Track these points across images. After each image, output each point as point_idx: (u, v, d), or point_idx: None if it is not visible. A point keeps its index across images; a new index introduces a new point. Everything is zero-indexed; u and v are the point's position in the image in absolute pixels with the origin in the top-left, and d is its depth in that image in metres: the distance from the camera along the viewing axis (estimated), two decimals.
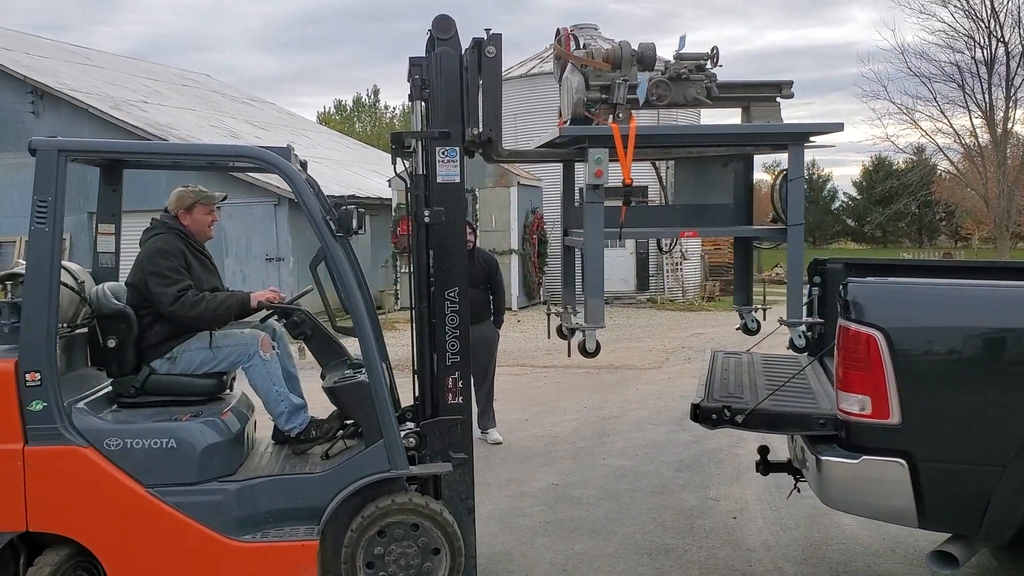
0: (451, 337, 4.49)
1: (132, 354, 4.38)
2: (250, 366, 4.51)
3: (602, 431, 8.35)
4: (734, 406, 4.02)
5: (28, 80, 20.16)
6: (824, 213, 68.82)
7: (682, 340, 15.35)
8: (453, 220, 4.43)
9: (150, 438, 4.10)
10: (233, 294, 4.52)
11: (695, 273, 24.59)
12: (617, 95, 4.27)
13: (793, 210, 4.49)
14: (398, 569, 4.18)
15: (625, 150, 4.22)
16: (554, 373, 12.07)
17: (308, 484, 4.27)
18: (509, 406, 9.59)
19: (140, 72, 28.07)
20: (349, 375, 4.51)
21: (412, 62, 4.43)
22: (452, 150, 4.42)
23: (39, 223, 4.04)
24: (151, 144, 4.75)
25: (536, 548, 5.29)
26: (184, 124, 21.99)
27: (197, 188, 4.73)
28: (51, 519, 4.03)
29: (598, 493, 6.34)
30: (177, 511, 4.07)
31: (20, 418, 4.00)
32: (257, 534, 4.16)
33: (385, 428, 4.23)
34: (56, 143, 4.11)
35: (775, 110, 4.62)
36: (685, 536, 5.46)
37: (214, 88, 32.02)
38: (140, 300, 4.44)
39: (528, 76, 23.30)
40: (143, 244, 4.55)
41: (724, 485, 6.52)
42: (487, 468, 7.04)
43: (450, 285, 4.49)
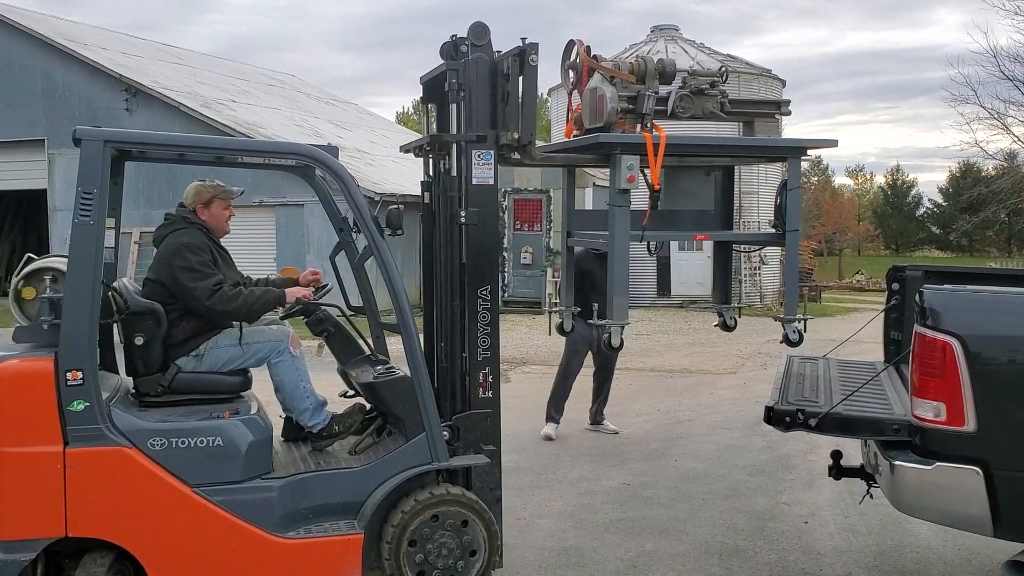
0: (482, 333, 4.63)
1: (159, 352, 4.28)
2: (279, 362, 4.52)
3: (675, 434, 8.37)
4: (808, 409, 4.05)
5: (123, 78, 20.99)
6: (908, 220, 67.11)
7: (758, 346, 15.20)
8: (487, 220, 4.61)
9: (195, 437, 4.02)
10: (268, 290, 4.55)
11: (774, 279, 24.25)
12: (646, 106, 4.59)
13: (791, 217, 4.92)
14: (439, 558, 4.29)
15: (656, 158, 4.49)
16: (627, 375, 12.08)
17: (349, 479, 4.30)
18: (582, 406, 9.66)
19: (229, 71, 28.90)
20: (384, 371, 4.63)
21: (448, 67, 4.56)
22: (487, 153, 4.57)
23: (83, 215, 3.91)
24: (198, 138, 4.63)
25: (606, 545, 5.37)
26: (270, 123, 22.59)
27: (215, 183, 4.65)
28: (92, 523, 3.89)
29: (669, 494, 6.39)
30: (224, 510, 4.01)
31: (60, 419, 3.84)
32: (300, 531, 4.15)
33: (428, 421, 4.34)
34: (101, 133, 4.01)
35: (775, 125, 5.12)
36: (756, 538, 5.48)
37: (298, 88, 32.77)
38: (165, 296, 4.34)
39: None
40: (161, 240, 4.47)
41: (796, 490, 6.51)
42: (558, 466, 7.15)
43: (483, 283, 4.64)
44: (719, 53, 24.15)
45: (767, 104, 5.17)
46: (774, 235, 5.12)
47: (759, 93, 22.91)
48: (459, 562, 4.32)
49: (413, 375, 4.36)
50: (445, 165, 4.68)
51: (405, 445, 4.34)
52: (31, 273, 4.21)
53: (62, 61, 21.63)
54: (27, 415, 3.84)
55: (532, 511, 5.98)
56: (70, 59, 21.50)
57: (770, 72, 24.05)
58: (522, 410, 9.31)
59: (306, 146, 4.49)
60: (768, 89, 23.47)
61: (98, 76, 21.26)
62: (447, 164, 4.68)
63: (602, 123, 4.60)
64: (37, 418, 3.84)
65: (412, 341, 4.33)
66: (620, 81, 4.66)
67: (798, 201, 4.93)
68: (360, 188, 10.74)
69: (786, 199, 4.90)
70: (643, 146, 4.53)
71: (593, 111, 4.64)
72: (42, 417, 3.84)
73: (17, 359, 3.91)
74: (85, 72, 21.42)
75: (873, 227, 63.46)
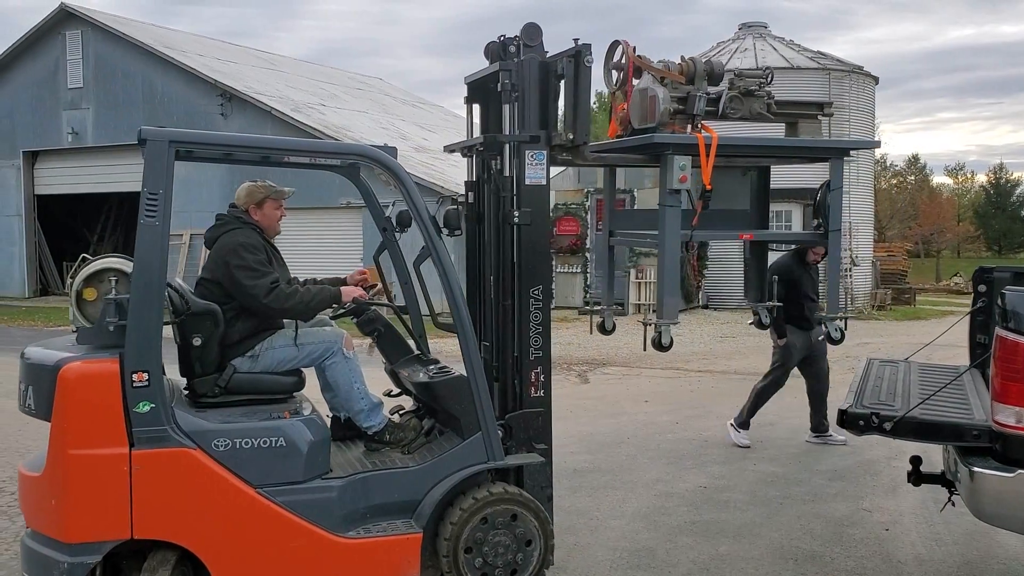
0: (535, 333, 4.66)
1: (217, 353, 4.24)
2: (333, 363, 4.51)
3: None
4: (882, 413, 3.95)
5: (219, 84, 21.71)
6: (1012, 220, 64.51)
7: (846, 349, 14.74)
8: (539, 221, 4.63)
9: (259, 437, 4.02)
10: (324, 288, 4.54)
11: (865, 280, 23.62)
12: (697, 107, 4.65)
13: (834, 217, 5.07)
14: (495, 557, 4.30)
15: (708, 158, 4.54)
16: (709, 378, 11.95)
17: (406, 478, 4.32)
18: (660, 408, 9.61)
19: (318, 76, 29.57)
20: (438, 370, 4.65)
21: (501, 67, 4.59)
22: (540, 153, 4.59)
23: (149, 216, 3.88)
24: (262, 139, 4.56)
25: (679, 547, 5.34)
26: (357, 126, 23.02)
27: (267, 183, 4.62)
28: (157, 525, 3.88)
29: (746, 497, 6.31)
30: (287, 511, 4.01)
31: (126, 421, 3.81)
32: (360, 530, 4.16)
33: (485, 421, 4.35)
34: (167, 133, 3.98)
35: (818, 127, 5.18)
36: (833, 544, 5.37)
37: (385, 91, 33.33)
38: (221, 297, 4.32)
39: None
40: (214, 240, 4.46)
41: (879, 496, 6.34)
42: (634, 467, 7.12)
43: (535, 283, 4.65)
44: (809, 50, 23.66)
45: (810, 105, 5.26)
46: (818, 235, 5.26)
47: (850, 90, 22.38)
48: (517, 555, 4.35)
49: (470, 374, 4.37)
50: (496, 165, 4.71)
51: (462, 444, 4.37)
52: (92, 274, 4.14)
53: (162, 68, 22.51)
54: (92, 417, 3.82)
55: (605, 512, 5.97)
56: (169, 66, 22.35)
57: (862, 69, 23.44)
58: (599, 411, 9.31)
59: (366, 146, 4.54)
60: (860, 86, 22.90)
61: (195, 82, 22.04)
62: (498, 164, 4.70)
63: (654, 123, 4.64)
64: (103, 420, 3.82)
65: (469, 341, 4.34)
66: (670, 82, 4.70)
67: (840, 201, 5.06)
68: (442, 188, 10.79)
69: (828, 199, 5.04)
70: (695, 147, 4.57)
71: (644, 111, 4.68)
72: (108, 419, 3.81)
73: (82, 360, 3.87)
74: (183, 78, 22.24)
75: (974, 228, 61.21)
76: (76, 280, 4.08)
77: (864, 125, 23.46)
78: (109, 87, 23.31)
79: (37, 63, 24.34)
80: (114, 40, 23.19)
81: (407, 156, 20.02)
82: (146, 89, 22.80)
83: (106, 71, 23.39)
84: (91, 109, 23.56)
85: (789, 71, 22.07)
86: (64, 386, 3.79)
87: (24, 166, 24.79)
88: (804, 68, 22.24)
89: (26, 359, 4.08)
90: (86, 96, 23.55)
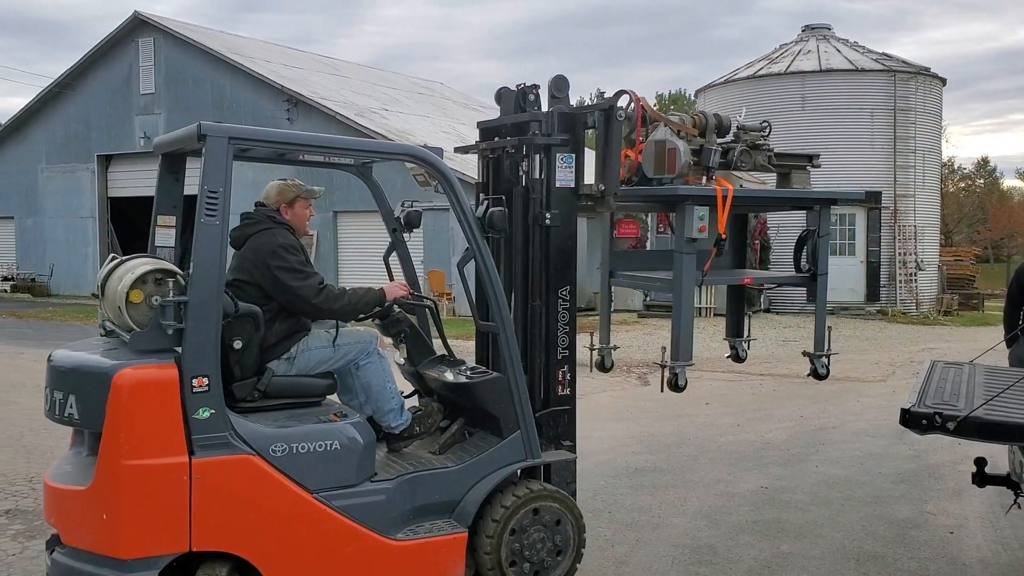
0: (562, 333, 4.75)
1: (256, 356, 4.09)
2: (368, 363, 4.47)
3: (817, 440, 8.23)
4: (945, 412, 3.97)
5: (285, 89, 22.19)
6: None
7: (911, 354, 14.64)
8: (567, 223, 4.73)
9: (315, 441, 3.91)
10: (370, 289, 4.48)
11: (931, 285, 23.20)
12: (712, 160, 4.91)
13: (822, 261, 5.50)
14: (533, 553, 4.40)
15: (724, 209, 4.81)
16: (770, 381, 11.92)
17: (448, 478, 4.32)
18: (721, 410, 9.63)
19: (381, 81, 29.99)
20: (471, 370, 4.71)
21: (532, 117, 4.75)
22: (569, 156, 4.69)
23: (209, 215, 3.75)
24: (318, 137, 4.73)
25: (740, 545, 5.39)
26: (419, 130, 23.31)
27: (297, 182, 4.52)
28: (217, 536, 3.71)
29: (808, 499, 6.32)
30: (343, 515, 3.94)
31: (185, 428, 3.64)
32: (407, 532, 4.13)
33: (524, 420, 4.42)
34: (226, 130, 3.86)
35: (807, 176, 5.63)
36: (896, 546, 5.37)
37: (446, 95, 33.65)
38: (258, 299, 4.17)
39: (755, 77, 22.92)
40: (243, 240, 4.30)
41: (943, 500, 6.31)
42: (695, 468, 7.18)
43: (563, 284, 4.75)
44: (873, 51, 23.35)
45: (801, 158, 5.70)
46: (806, 277, 5.63)
47: (916, 92, 22.03)
48: (555, 549, 4.45)
49: (510, 374, 4.41)
50: (524, 168, 4.76)
51: (501, 443, 4.41)
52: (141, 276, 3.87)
53: (230, 74, 23.07)
54: (150, 425, 3.62)
55: (667, 510, 6.04)
56: (237, 72, 22.90)
57: (928, 70, 23.05)
58: (659, 413, 9.36)
59: (415, 147, 4.53)
60: (926, 88, 22.52)
61: (262, 87, 22.55)
62: (526, 167, 4.76)
63: (673, 175, 4.84)
64: (161, 428, 3.62)
65: (510, 341, 4.39)
66: (685, 134, 4.94)
67: (827, 246, 5.54)
68: None
69: (817, 245, 5.47)
70: (713, 198, 4.81)
71: (661, 162, 4.85)
72: (167, 427, 3.62)
73: (135, 366, 3.66)
74: (251, 84, 22.77)
75: None
76: (123, 282, 3.83)
77: (930, 128, 23.07)
78: (179, 93, 23.96)
79: (111, 70, 25.12)
80: (184, 47, 23.83)
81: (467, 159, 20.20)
82: (215, 94, 23.40)
83: (177, 77, 24.05)
84: (162, 114, 24.21)
85: (853, 73, 21.84)
86: (119, 394, 3.58)
87: (98, 169, 25.59)
88: (868, 70, 21.98)
89: (60, 365, 3.88)
90: (158, 101, 24.24)
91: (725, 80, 23.95)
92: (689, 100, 44.69)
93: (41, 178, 26.32)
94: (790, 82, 22.21)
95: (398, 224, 5.04)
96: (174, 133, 4.31)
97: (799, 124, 21.80)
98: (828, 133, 21.54)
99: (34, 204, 26.49)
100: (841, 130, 21.58)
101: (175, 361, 3.69)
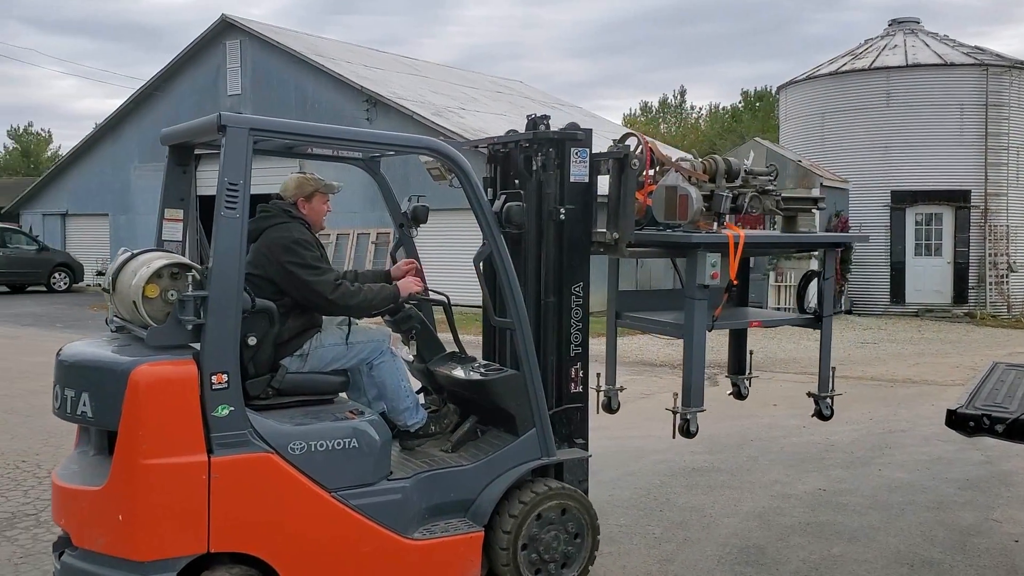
0: (575, 330, 4.72)
1: (270, 352, 4.04)
2: (381, 362, 4.43)
3: (884, 443, 8.03)
4: (994, 415, 3.86)
5: (364, 90, 22.57)
6: None
7: (997, 359, 14.09)
8: (582, 218, 4.70)
9: (333, 439, 3.85)
10: (384, 286, 4.47)
11: None
12: (723, 206, 4.93)
13: (827, 303, 5.58)
14: (547, 551, 4.37)
15: (735, 255, 4.83)
16: (843, 384, 11.52)
17: (463, 476, 4.27)
18: (788, 412, 9.45)
19: (460, 80, 30.24)
20: (486, 367, 4.69)
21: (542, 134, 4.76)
22: (583, 151, 4.69)
23: (229, 208, 3.64)
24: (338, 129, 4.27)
25: (791, 546, 5.31)
26: (494, 129, 23.39)
27: (316, 176, 4.49)
28: (235, 537, 3.62)
29: (866, 502, 6.18)
30: (360, 514, 3.88)
31: (204, 426, 3.55)
32: (423, 531, 4.09)
33: (540, 417, 4.39)
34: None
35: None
36: (955, 553, 5.22)
37: (525, 94, 33.72)
38: (271, 294, 4.08)
39: (838, 73, 22.40)
40: (258, 233, 4.19)
41: (1012, 508, 6.09)
42: (753, 468, 7.08)
43: (576, 280, 4.72)
44: (964, 45, 22.59)
45: (806, 201, 5.76)
46: (811, 318, 5.68)
47: (1010, 87, 21.23)
48: (569, 548, 4.45)
49: (526, 371, 4.37)
50: (538, 162, 4.73)
51: (516, 441, 4.38)
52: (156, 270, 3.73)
53: (313, 75, 23.57)
54: (169, 424, 3.53)
55: (719, 510, 5.99)
56: (320, 73, 23.38)
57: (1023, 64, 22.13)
58: (724, 413, 9.19)
59: (435, 140, 4.40)
60: (1021, 82, 21.62)
61: (343, 88, 22.98)
62: (540, 162, 4.73)
63: (685, 220, 4.82)
64: (180, 426, 3.54)
65: (526, 337, 4.35)
66: (696, 179, 4.95)
67: (832, 289, 5.57)
68: None
69: (823, 287, 5.54)
70: (724, 244, 4.83)
71: (672, 208, 4.84)
72: (185, 425, 3.54)
73: (153, 363, 3.58)
74: (332, 84, 23.22)
75: None
76: (138, 276, 3.72)
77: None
78: (264, 94, 24.56)
79: (199, 72, 25.89)
80: (270, 49, 24.43)
81: None
82: (298, 95, 23.92)
83: (262, 78, 24.66)
84: (248, 114, 24.85)
85: (942, 68, 21.16)
86: (137, 391, 3.50)
87: None
88: (958, 65, 21.24)
89: (72, 361, 3.81)
90: (244, 102, 24.88)
91: (807, 76, 23.46)
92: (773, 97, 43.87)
93: (133, 176, 27.26)
94: (875, 78, 21.63)
95: (405, 219, 5.06)
96: (187, 124, 4.26)
97: (884, 121, 21.26)
98: (914, 129, 20.95)
99: (126, 201, 27.45)
100: (928, 126, 20.94)
101: (193, 357, 3.63)
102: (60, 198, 29.56)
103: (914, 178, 21.04)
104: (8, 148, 58.45)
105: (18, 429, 8.02)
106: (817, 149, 22.29)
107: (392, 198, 5.16)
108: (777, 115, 29.09)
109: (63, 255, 26.77)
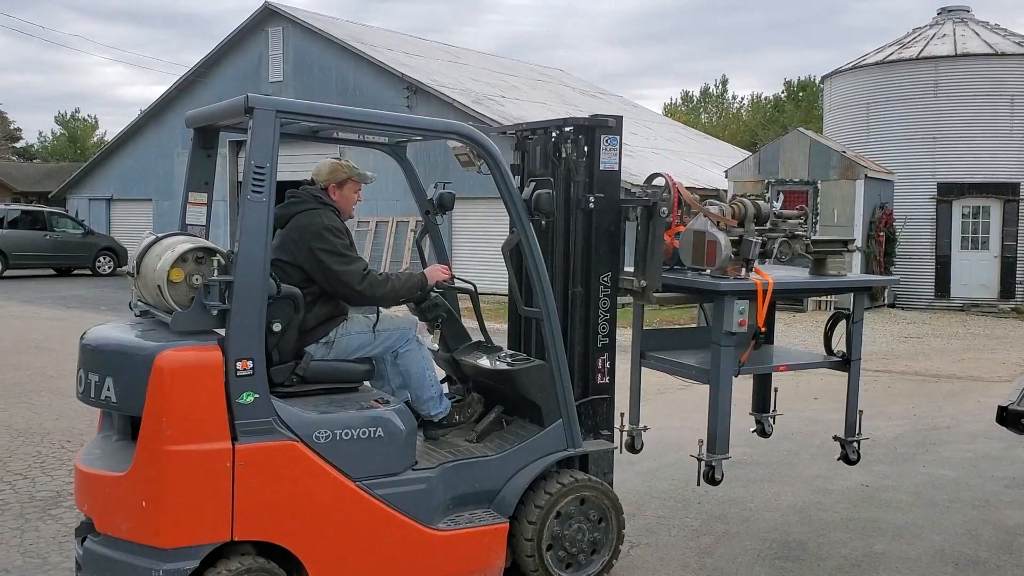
0: (602, 320, 4.66)
1: (295, 339, 3.97)
2: (408, 351, 4.37)
3: (928, 440, 7.90)
4: None
5: (405, 77, 22.64)
6: None
7: None
8: (611, 206, 4.64)
9: (359, 428, 3.79)
10: (412, 274, 4.37)
11: None
12: (752, 252, 4.78)
13: (856, 346, 5.35)
14: (573, 543, 4.34)
15: (764, 301, 4.74)
16: (886, 378, 11.46)
17: (489, 467, 4.24)
18: (830, 406, 9.31)
19: (501, 69, 30.21)
20: (512, 357, 4.63)
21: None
22: (613, 139, 4.62)
23: (256, 191, 3.58)
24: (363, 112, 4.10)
25: (832, 542, 5.24)
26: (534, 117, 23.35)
27: (351, 163, 4.39)
28: (258, 525, 3.59)
29: (910, 499, 6.09)
30: (385, 504, 3.84)
31: (228, 413, 3.52)
32: (448, 521, 4.05)
33: (566, 408, 4.34)
34: (274, 102, 3.68)
35: (842, 262, 5.51)
36: (1001, 552, 5.11)
37: (566, 83, 33.60)
38: (299, 280, 4.03)
39: (885, 63, 22.00)
40: (288, 219, 4.15)
41: None
42: (794, 463, 7.00)
43: (604, 270, 4.65)
44: (1016, 34, 22.04)
45: (837, 243, 5.59)
46: (839, 362, 5.44)
47: None
48: (596, 537, 4.43)
49: (553, 361, 4.33)
50: (567, 150, 4.67)
51: (543, 432, 4.34)
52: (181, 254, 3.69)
53: (354, 62, 23.68)
54: (193, 410, 3.50)
55: (759, 504, 5.93)
56: (361, 60, 23.48)
57: None
58: None
59: (462, 125, 4.33)
60: None
61: (383, 75, 23.06)
62: (568, 150, 4.66)
63: (713, 267, 4.74)
64: (204, 413, 3.50)
65: (554, 327, 4.30)
66: (724, 225, 4.85)
67: (861, 331, 5.35)
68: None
69: (852, 330, 5.31)
70: (753, 292, 4.73)
71: (700, 253, 4.77)
72: (210, 411, 3.50)
73: (178, 348, 3.54)
74: (373, 72, 23.32)
75: None
76: (163, 260, 3.67)
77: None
78: (306, 80, 24.70)
79: (242, 59, 26.11)
80: (312, 36, 24.56)
81: None
82: (339, 82, 24.03)
83: (304, 65, 24.81)
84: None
85: (991, 58, 20.67)
86: (161, 376, 3.47)
87: (230, 155, 26.65)
88: (1009, 54, 20.74)
89: (96, 345, 3.78)
90: (285, 89, 25.04)
91: (853, 66, 23.06)
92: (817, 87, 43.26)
93: (177, 162, 27.55)
94: (922, 67, 21.18)
95: (431, 206, 4.99)
96: (212, 106, 4.19)
97: (931, 111, 20.82)
98: (962, 120, 20.50)
99: (170, 187, 27.75)
100: (976, 118, 20.47)
101: (218, 343, 3.59)
102: (105, 183, 30.05)
103: (961, 170, 20.60)
104: (56, 134, 59.40)
105: (64, 409, 8.14)
106: (862, 140, 21.92)
107: (418, 184, 5.09)
108: (821, 105, 28.69)
109: (108, 239, 27.17)
